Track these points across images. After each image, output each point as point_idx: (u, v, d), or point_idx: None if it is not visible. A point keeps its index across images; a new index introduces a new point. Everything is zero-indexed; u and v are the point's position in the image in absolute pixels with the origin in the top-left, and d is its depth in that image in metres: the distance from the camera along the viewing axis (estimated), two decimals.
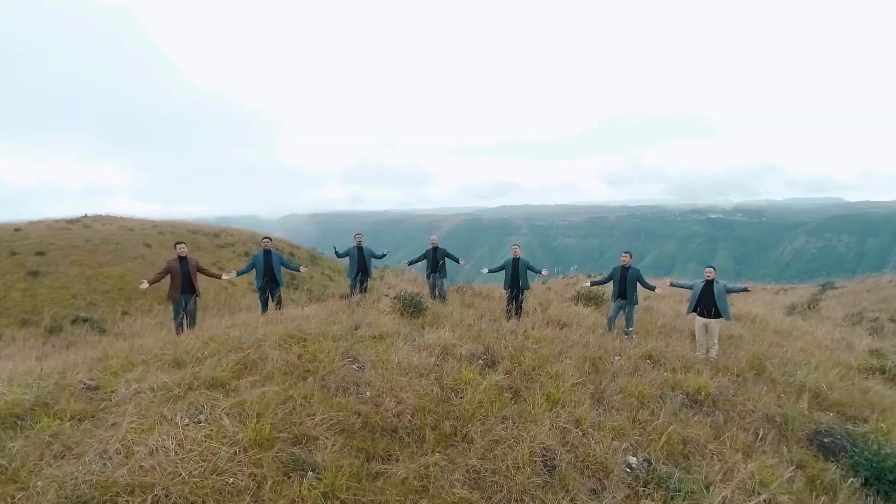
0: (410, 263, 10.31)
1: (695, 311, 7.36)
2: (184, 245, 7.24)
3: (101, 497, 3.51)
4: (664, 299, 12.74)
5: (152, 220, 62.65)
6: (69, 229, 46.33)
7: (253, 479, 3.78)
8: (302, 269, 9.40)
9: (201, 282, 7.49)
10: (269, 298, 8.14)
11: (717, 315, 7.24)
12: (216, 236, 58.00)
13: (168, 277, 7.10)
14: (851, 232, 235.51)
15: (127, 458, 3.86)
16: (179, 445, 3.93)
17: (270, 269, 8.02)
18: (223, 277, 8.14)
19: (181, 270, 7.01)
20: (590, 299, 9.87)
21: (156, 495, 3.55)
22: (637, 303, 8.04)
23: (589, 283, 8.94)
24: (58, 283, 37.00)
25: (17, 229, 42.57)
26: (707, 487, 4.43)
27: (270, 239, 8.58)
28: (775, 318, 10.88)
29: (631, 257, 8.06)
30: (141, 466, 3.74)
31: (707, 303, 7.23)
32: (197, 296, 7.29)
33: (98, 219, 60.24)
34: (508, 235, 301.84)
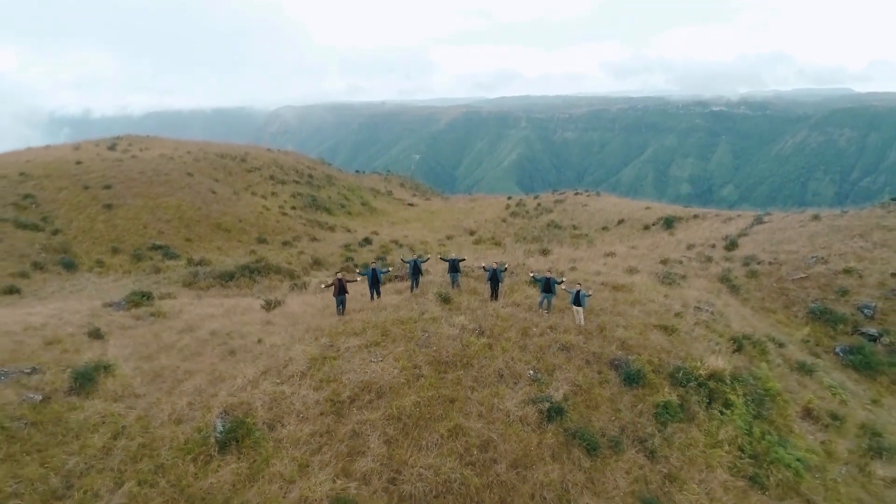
0: (441, 257, 18.55)
1: (573, 304, 15.41)
2: (341, 272, 15.37)
3: (366, 385, 11.98)
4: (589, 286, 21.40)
5: (184, 142, 67.74)
6: (121, 160, 52.70)
7: (407, 379, 12.23)
8: (389, 269, 17.65)
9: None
10: (375, 292, 16.40)
11: (580, 305, 15.25)
12: (243, 160, 64.11)
13: (334, 286, 15.27)
14: (854, 126, 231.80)
15: (365, 372, 12.29)
16: (381, 369, 12.35)
17: (375, 278, 16.16)
18: (357, 280, 16.25)
19: (339, 283, 15.10)
20: (536, 282, 18.07)
21: (380, 386, 12.02)
22: (555, 294, 16.00)
23: (532, 276, 17.02)
24: (129, 214, 45.19)
25: (78, 162, 49.17)
26: (553, 382, 12.95)
27: (377, 261, 16.66)
28: (646, 286, 19.00)
29: (550, 272, 15.97)
30: (372, 374, 12.18)
31: (576, 300, 15.22)
32: (346, 293, 15.47)
33: (134, 141, 65.68)
34: (507, 129, 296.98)
